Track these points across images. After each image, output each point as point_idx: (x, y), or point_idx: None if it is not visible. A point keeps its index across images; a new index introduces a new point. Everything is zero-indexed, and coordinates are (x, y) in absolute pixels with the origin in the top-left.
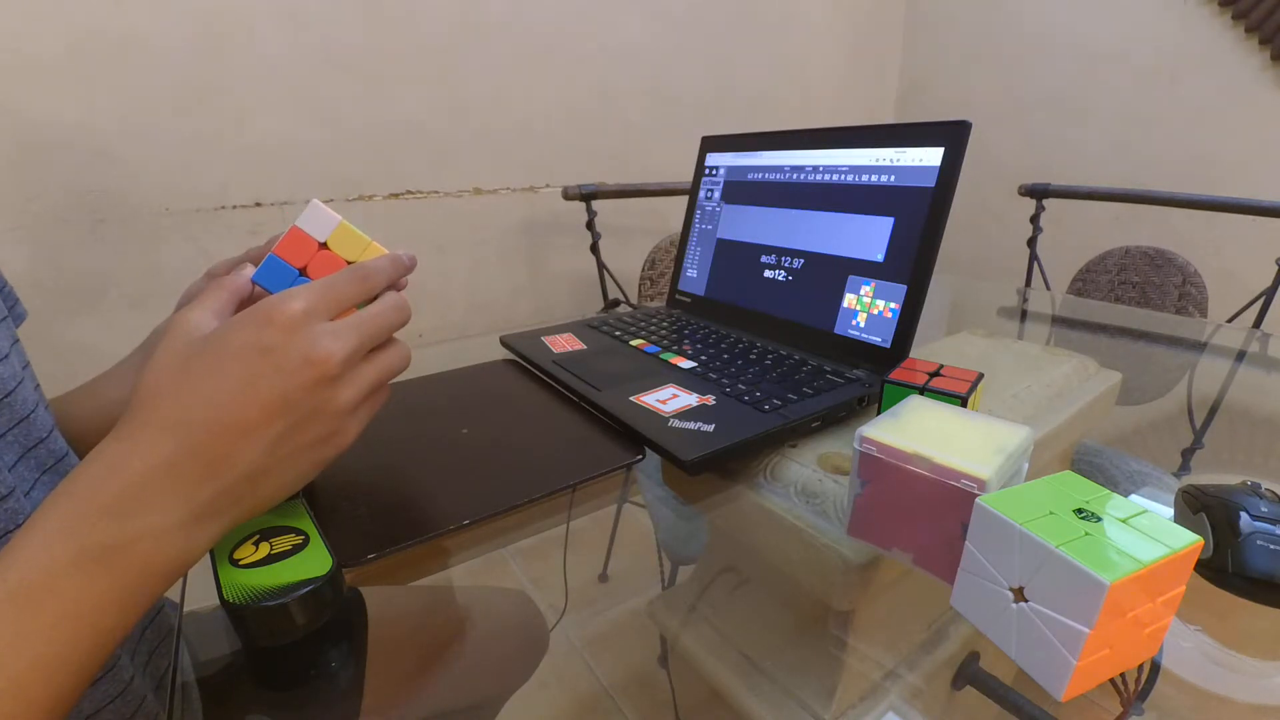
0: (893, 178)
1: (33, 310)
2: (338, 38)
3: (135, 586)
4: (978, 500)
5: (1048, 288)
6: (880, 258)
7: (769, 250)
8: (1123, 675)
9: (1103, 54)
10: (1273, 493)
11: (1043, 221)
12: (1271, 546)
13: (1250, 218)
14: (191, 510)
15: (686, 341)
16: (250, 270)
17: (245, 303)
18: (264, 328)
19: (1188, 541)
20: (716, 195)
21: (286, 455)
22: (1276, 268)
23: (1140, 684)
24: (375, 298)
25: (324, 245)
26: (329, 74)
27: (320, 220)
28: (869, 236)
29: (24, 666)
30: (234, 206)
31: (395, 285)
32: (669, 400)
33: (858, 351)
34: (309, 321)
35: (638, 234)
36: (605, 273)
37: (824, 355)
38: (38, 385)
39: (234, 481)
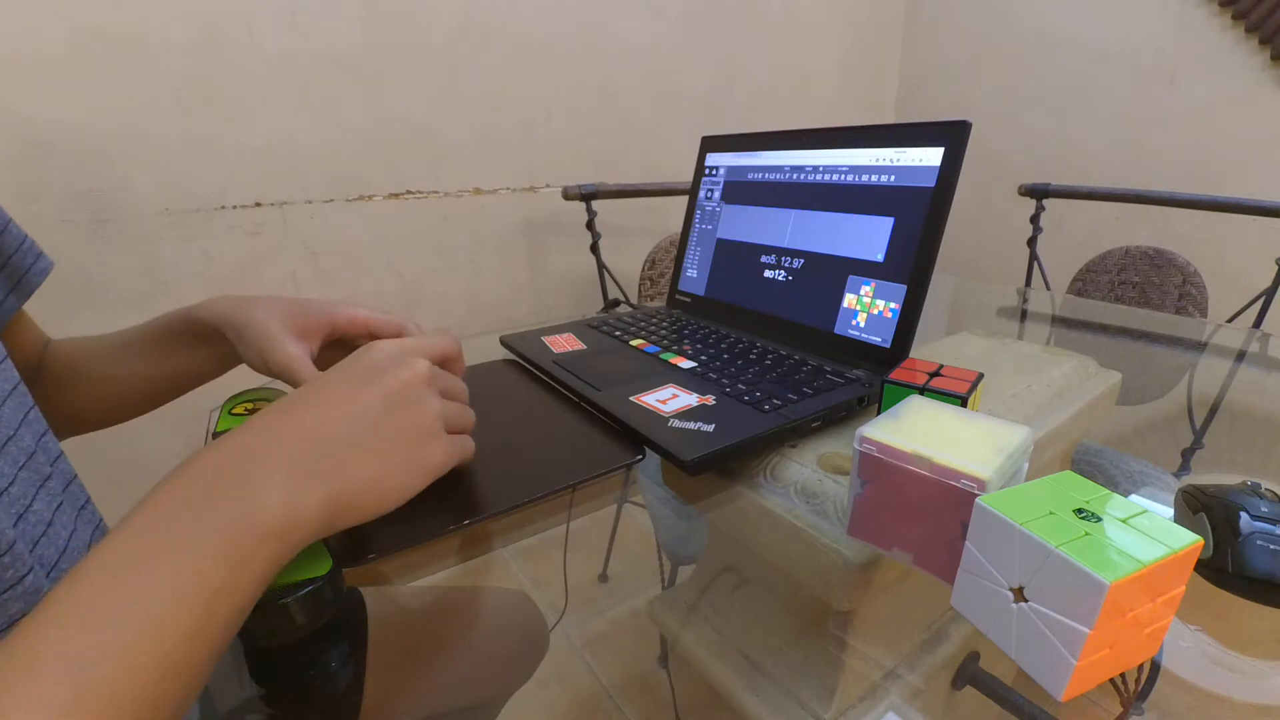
0: (893, 178)
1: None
2: (338, 38)
3: (239, 534)
4: (978, 500)
5: (1048, 288)
6: (880, 258)
7: (769, 250)
8: (1123, 675)
9: (1103, 54)
10: (1273, 493)
11: (1043, 221)
12: (1271, 546)
13: (1250, 218)
14: (293, 465)
15: (686, 341)
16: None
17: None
18: (398, 366)
19: (1188, 541)
20: (716, 195)
21: (383, 439)
22: (1276, 268)
23: (1140, 684)
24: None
25: None
26: (329, 74)
27: None
28: (869, 236)
29: (135, 627)
30: (234, 206)
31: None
32: (669, 400)
33: (858, 351)
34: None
35: (638, 234)
36: (605, 273)
37: (824, 355)
38: (17, 385)
39: (333, 446)
